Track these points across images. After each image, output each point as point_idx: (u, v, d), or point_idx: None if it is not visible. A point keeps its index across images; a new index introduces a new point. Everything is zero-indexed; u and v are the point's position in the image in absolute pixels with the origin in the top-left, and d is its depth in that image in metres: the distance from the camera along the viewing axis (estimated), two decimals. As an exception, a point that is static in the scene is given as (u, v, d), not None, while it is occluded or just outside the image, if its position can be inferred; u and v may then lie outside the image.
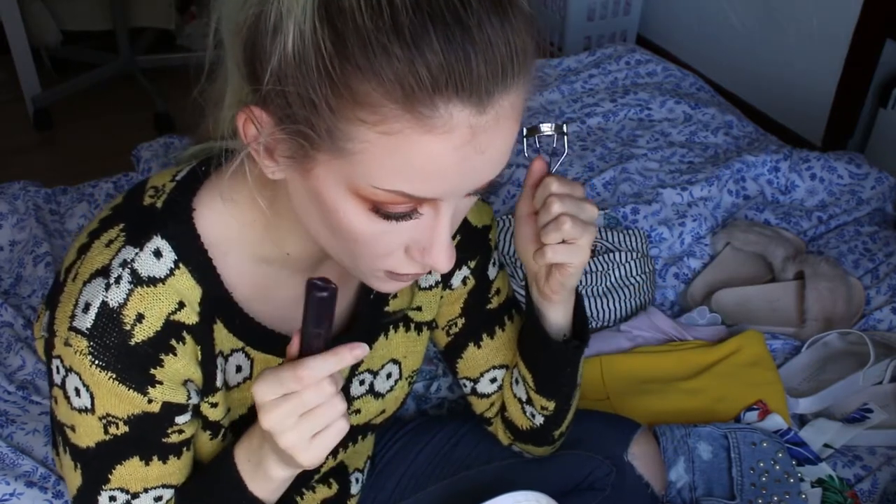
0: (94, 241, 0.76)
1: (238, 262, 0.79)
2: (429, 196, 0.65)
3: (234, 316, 0.80)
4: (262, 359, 0.84)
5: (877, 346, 1.45)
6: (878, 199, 1.84)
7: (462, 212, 0.73)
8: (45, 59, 2.92)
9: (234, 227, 0.78)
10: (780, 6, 2.52)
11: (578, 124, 2.12)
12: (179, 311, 0.75)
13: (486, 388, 1.04)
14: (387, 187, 0.64)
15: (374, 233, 0.68)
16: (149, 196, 0.79)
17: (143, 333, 0.73)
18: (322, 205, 0.68)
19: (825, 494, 1.24)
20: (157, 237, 0.75)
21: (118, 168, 1.97)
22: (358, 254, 0.70)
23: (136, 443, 0.77)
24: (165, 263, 0.75)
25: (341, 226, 0.68)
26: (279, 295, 0.82)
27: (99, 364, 0.72)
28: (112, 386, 0.73)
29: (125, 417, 0.75)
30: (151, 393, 0.74)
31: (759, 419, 1.34)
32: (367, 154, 0.63)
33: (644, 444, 1.11)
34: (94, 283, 0.73)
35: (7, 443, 1.27)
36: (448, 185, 0.65)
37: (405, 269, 0.72)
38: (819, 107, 2.44)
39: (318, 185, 0.67)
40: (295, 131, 0.64)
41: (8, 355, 1.45)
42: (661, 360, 1.45)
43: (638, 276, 1.59)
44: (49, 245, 1.68)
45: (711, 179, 1.85)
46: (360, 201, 0.66)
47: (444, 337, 1.03)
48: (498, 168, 0.67)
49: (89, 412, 0.75)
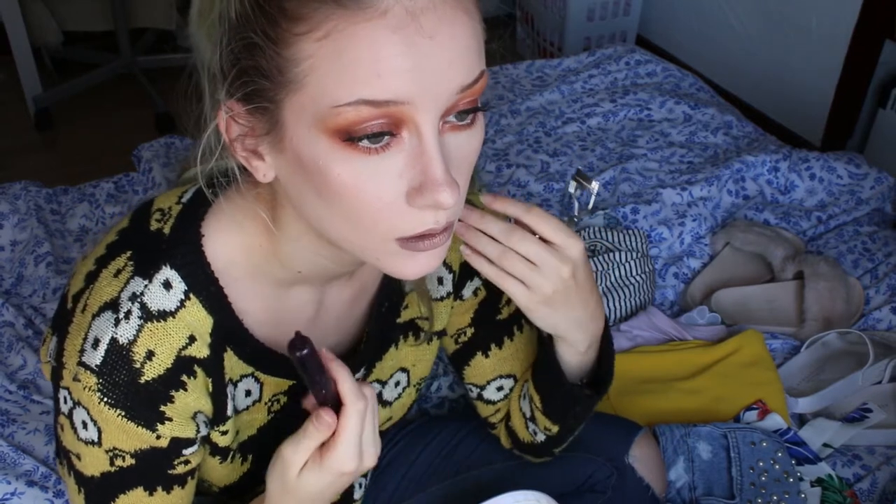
0: (101, 270, 0.75)
1: (249, 286, 0.77)
2: (392, 97, 0.61)
3: (245, 343, 0.79)
4: (273, 382, 0.83)
5: (876, 345, 1.45)
6: (878, 199, 1.84)
7: (462, 153, 0.67)
8: (46, 59, 2.92)
9: (243, 251, 0.76)
10: (780, 7, 2.52)
11: (578, 124, 2.12)
12: (190, 346, 0.74)
13: (492, 396, 1.04)
14: (346, 100, 0.61)
15: (360, 176, 0.63)
16: (155, 220, 0.77)
17: (153, 371, 0.72)
18: (305, 168, 0.65)
19: (824, 494, 1.24)
20: (166, 267, 0.73)
21: (119, 168, 1.97)
22: (357, 217, 0.66)
23: (142, 475, 0.76)
24: (175, 295, 0.73)
25: (328, 181, 0.64)
26: (291, 317, 0.81)
27: (108, 402, 0.71)
28: (121, 423, 0.72)
29: (132, 451, 0.74)
30: (161, 430, 0.74)
31: (758, 419, 1.34)
32: (316, 71, 0.61)
33: (645, 447, 1.11)
34: (103, 317, 0.72)
35: (8, 442, 1.28)
36: (407, 78, 0.61)
37: (414, 225, 0.66)
38: (818, 107, 2.44)
39: (294, 148, 0.65)
40: (254, 93, 0.64)
41: (9, 355, 1.45)
42: (661, 360, 1.45)
43: (638, 276, 1.59)
44: (50, 245, 1.68)
45: (711, 179, 1.85)
46: (332, 138, 0.62)
47: (452, 344, 1.02)
48: (463, 65, 0.63)
49: (96, 445, 0.74)
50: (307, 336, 0.68)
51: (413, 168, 0.64)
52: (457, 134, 0.66)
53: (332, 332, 0.87)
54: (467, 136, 0.67)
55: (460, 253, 0.93)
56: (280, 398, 0.85)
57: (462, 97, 0.64)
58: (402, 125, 0.63)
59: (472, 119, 0.67)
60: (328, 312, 0.85)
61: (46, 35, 2.90)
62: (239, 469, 0.86)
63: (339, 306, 0.86)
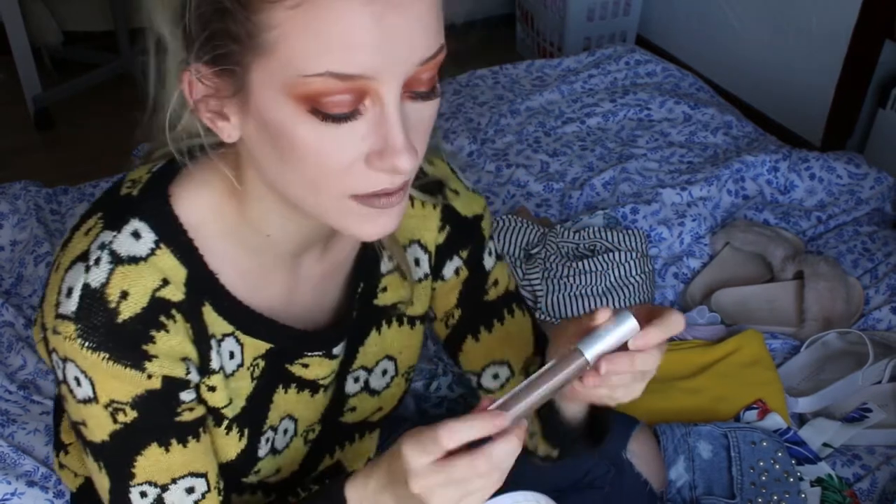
0: (74, 234, 0.77)
1: (222, 248, 0.78)
2: (359, 72, 0.62)
3: (222, 298, 0.79)
4: (252, 344, 0.83)
5: (876, 345, 1.45)
6: (877, 198, 1.84)
7: (420, 121, 0.69)
8: (45, 59, 2.92)
9: (213, 211, 0.77)
10: (780, 6, 2.52)
11: (578, 124, 2.12)
12: (164, 288, 0.74)
13: (489, 383, 1.03)
14: (314, 71, 0.62)
15: (323, 141, 0.65)
16: (125, 188, 0.79)
17: (129, 310, 0.72)
18: (270, 131, 0.67)
19: (824, 493, 1.24)
20: (134, 220, 0.75)
21: (119, 168, 1.94)
22: (317, 179, 0.67)
23: (149, 428, 0.76)
24: (145, 244, 0.74)
25: (292, 144, 0.66)
26: (267, 285, 0.82)
27: (90, 346, 0.71)
28: (108, 367, 0.72)
29: (129, 401, 0.74)
30: (149, 368, 0.73)
31: (758, 418, 1.34)
32: (286, 39, 0.62)
33: (642, 442, 1.11)
34: (74, 268, 0.73)
35: (8, 442, 1.28)
36: (375, 53, 0.62)
37: (370, 185, 0.67)
38: (818, 107, 2.44)
39: (260, 111, 0.66)
40: (222, 56, 0.65)
41: (9, 355, 1.45)
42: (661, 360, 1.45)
43: (637, 276, 1.59)
44: (50, 245, 1.69)
45: (711, 179, 1.85)
46: (299, 104, 0.64)
47: (443, 329, 1.02)
48: (427, 38, 0.64)
49: (93, 402, 0.74)
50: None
51: (374, 134, 0.66)
52: (416, 102, 0.68)
53: (310, 307, 0.87)
54: (426, 104, 0.68)
55: (436, 232, 0.93)
56: (259, 363, 0.84)
57: (423, 69, 0.66)
58: (366, 96, 0.65)
59: (431, 88, 0.68)
60: (304, 285, 0.85)
61: (46, 35, 2.90)
62: (237, 445, 0.86)
63: (313, 280, 0.86)
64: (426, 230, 0.93)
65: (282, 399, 0.89)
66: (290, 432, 0.92)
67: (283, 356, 0.86)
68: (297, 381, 0.89)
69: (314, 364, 0.88)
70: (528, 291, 1.58)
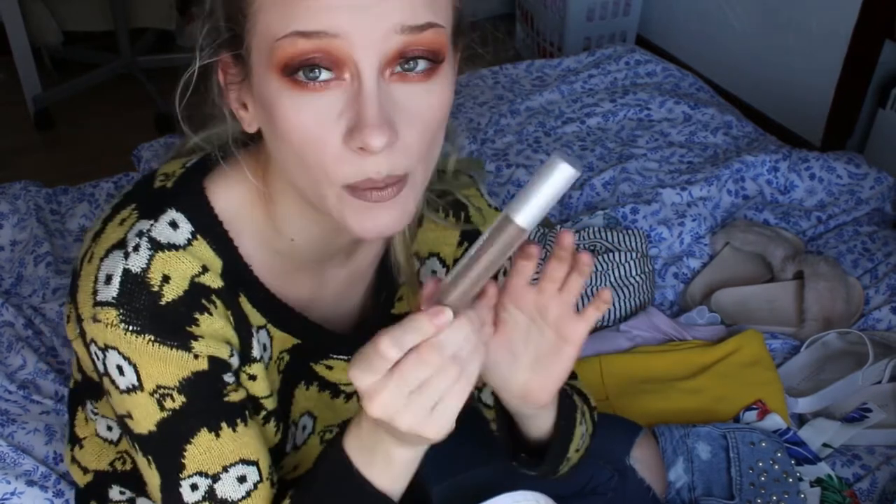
0: (106, 225, 0.76)
1: (252, 246, 0.78)
2: (323, 28, 0.62)
3: (256, 290, 0.78)
4: (280, 337, 0.82)
5: (876, 345, 1.45)
6: (877, 198, 1.84)
7: (414, 106, 0.66)
8: (45, 59, 2.92)
9: (245, 209, 0.77)
10: (780, 6, 2.52)
11: (578, 124, 2.12)
12: (204, 275, 0.74)
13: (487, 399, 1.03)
14: (283, 33, 0.63)
15: (302, 112, 0.64)
16: (159, 181, 0.78)
17: (172, 293, 0.71)
18: (267, 110, 0.67)
19: (824, 494, 1.24)
20: (171, 210, 0.74)
21: (119, 168, 1.97)
22: (306, 161, 0.66)
23: (198, 412, 0.74)
24: (182, 234, 0.74)
25: (278, 118, 0.66)
26: (293, 284, 0.82)
27: (134, 329, 0.70)
28: (154, 350, 0.71)
29: (177, 385, 0.72)
30: (196, 347, 0.72)
31: (758, 419, 1.34)
32: (263, 8, 0.65)
33: (645, 448, 1.11)
34: (111, 256, 0.72)
35: (8, 442, 1.28)
36: (341, 11, 0.62)
37: (355, 171, 0.65)
38: (818, 107, 2.44)
39: (257, 90, 0.68)
40: (233, 40, 0.68)
41: (9, 355, 1.45)
42: (661, 360, 1.45)
43: (637, 276, 1.59)
44: (50, 245, 1.68)
45: (711, 179, 1.85)
46: (279, 74, 0.64)
47: None
48: (405, 3, 0.63)
49: (138, 390, 0.72)
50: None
51: (351, 109, 0.64)
52: (408, 85, 0.66)
53: (331, 311, 0.87)
54: (421, 89, 0.66)
55: (455, 247, 0.93)
56: (284, 356, 0.84)
57: (408, 43, 0.64)
58: (343, 66, 0.64)
59: (426, 72, 0.66)
60: (326, 290, 0.85)
61: (46, 35, 2.90)
62: (273, 439, 0.84)
63: (336, 285, 0.86)
64: (445, 244, 0.94)
65: (302, 395, 0.89)
66: (307, 429, 0.92)
67: (308, 353, 0.86)
68: (319, 381, 0.89)
69: (338, 368, 0.88)
70: (528, 291, 1.58)
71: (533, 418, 0.85)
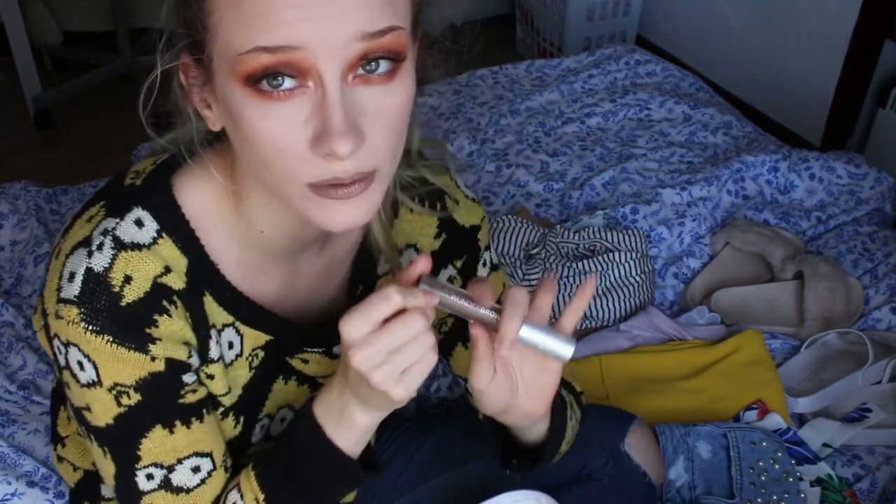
0: (75, 221, 0.77)
1: (222, 241, 0.79)
2: (285, 43, 0.63)
3: (223, 289, 0.79)
4: (252, 335, 0.83)
5: (875, 345, 1.45)
6: (877, 199, 1.84)
7: (379, 107, 0.67)
8: (45, 59, 2.92)
9: (214, 205, 0.78)
10: (780, 6, 2.52)
11: (578, 124, 2.12)
12: (166, 275, 0.75)
13: None
14: (246, 48, 0.64)
15: (266, 120, 0.65)
16: (129, 178, 0.80)
17: (132, 294, 0.73)
18: (231, 116, 0.68)
19: (824, 494, 1.24)
20: (137, 208, 0.75)
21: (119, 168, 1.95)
22: (272, 165, 0.67)
23: (153, 410, 0.76)
24: (148, 232, 0.75)
25: (244, 126, 0.67)
26: (265, 279, 0.82)
27: (93, 329, 0.72)
28: (112, 350, 0.72)
29: (133, 384, 0.74)
30: (152, 350, 0.73)
31: (758, 418, 1.34)
32: (223, 21, 0.65)
33: (640, 435, 1.12)
34: (76, 253, 0.73)
35: (8, 443, 1.28)
36: (301, 24, 0.62)
37: (320, 172, 0.67)
38: (818, 107, 2.44)
39: (221, 96, 0.69)
40: (194, 45, 0.69)
41: (9, 355, 1.45)
42: (661, 360, 1.45)
43: (637, 276, 1.59)
44: (50, 245, 1.69)
45: (711, 179, 1.85)
46: (243, 85, 0.65)
47: (436, 334, 1.02)
48: (364, 10, 0.64)
49: (97, 385, 0.74)
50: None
51: (316, 117, 0.66)
52: (370, 88, 0.67)
53: (305, 304, 0.87)
54: (384, 90, 0.67)
55: (432, 238, 0.93)
56: (259, 353, 0.85)
57: (369, 48, 0.65)
58: (307, 74, 0.65)
59: (388, 73, 0.67)
60: (299, 281, 0.86)
61: (46, 35, 2.90)
62: (231, 431, 0.86)
63: (311, 277, 0.86)
64: (422, 236, 0.94)
65: (282, 389, 0.89)
66: (287, 421, 0.92)
67: (283, 349, 0.86)
68: (296, 375, 0.89)
69: (313, 361, 0.89)
70: (528, 291, 1.58)
71: (530, 428, 0.88)
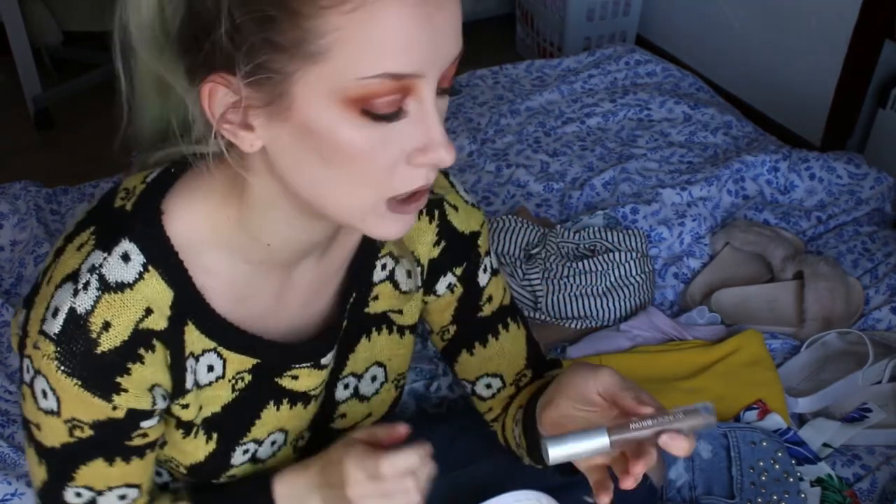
0: (67, 245, 0.77)
1: (214, 261, 0.78)
2: (413, 70, 0.64)
3: (207, 317, 0.79)
4: (237, 359, 0.83)
5: (876, 345, 1.45)
6: (877, 199, 1.84)
7: (442, 114, 0.71)
8: (45, 59, 2.92)
9: (208, 225, 0.77)
10: (780, 6, 2.52)
11: (578, 124, 2.12)
12: (147, 318, 0.75)
13: (483, 392, 1.04)
14: (372, 73, 0.63)
15: (372, 142, 0.66)
16: (120, 198, 0.79)
17: (109, 342, 0.73)
18: (313, 137, 0.66)
19: (824, 494, 1.24)
20: (125, 241, 0.75)
21: (119, 168, 1.96)
22: (363, 179, 0.68)
23: (100, 445, 0.78)
24: (134, 268, 0.75)
25: (338, 148, 0.66)
26: (255, 295, 0.82)
27: (65, 370, 0.73)
28: (77, 392, 0.74)
29: (90, 422, 0.76)
30: (116, 401, 0.75)
31: (758, 419, 1.34)
32: (342, 44, 0.62)
33: None
34: (63, 287, 0.74)
35: (8, 443, 1.28)
36: (426, 51, 0.64)
37: (408, 183, 0.69)
38: (818, 107, 2.44)
39: (303, 117, 0.66)
40: (262, 66, 0.64)
41: (9, 355, 1.46)
42: (661, 360, 1.45)
43: (637, 276, 1.59)
44: (50, 245, 1.68)
45: (711, 179, 1.85)
46: (349, 107, 0.64)
47: (440, 341, 1.03)
48: (459, 35, 0.67)
49: (55, 415, 0.76)
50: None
51: (416, 130, 0.68)
52: (441, 98, 0.70)
53: (297, 315, 0.87)
54: (445, 99, 0.71)
55: (431, 246, 0.93)
56: (244, 376, 0.85)
57: (452, 65, 0.68)
58: (410, 93, 0.66)
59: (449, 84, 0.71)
60: (294, 293, 0.85)
61: (46, 35, 2.90)
62: (204, 447, 0.86)
63: (305, 287, 0.86)
64: (420, 243, 0.93)
65: (273, 416, 0.89)
66: (278, 443, 0.92)
67: (270, 370, 0.86)
68: (288, 395, 0.89)
69: (303, 375, 0.88)
70: (529, 291, 1.58)
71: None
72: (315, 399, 0.92)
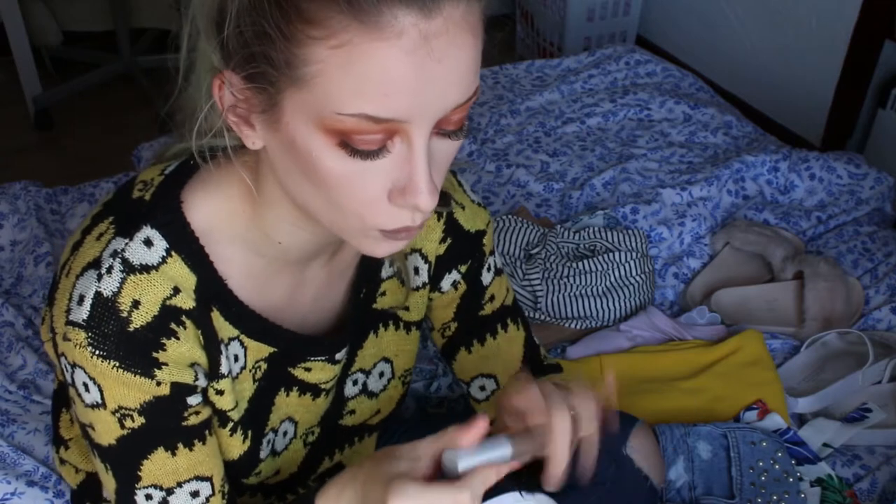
0: (85, 237, 0.77)
1: (230, 252, 0.79)
2: (394, 116, 0.63)
3: (230, 304, 0.79)
4: (255, 347, 0.83)
5: (876, 345, 1.45)
6: (877, 199, 1.84)
7: (444, 156, 0.70)
8: (45, 59, 2.92)
9: (224, 216, 0.78)
10: (780, 6, 2.52)
11: (578, 124, 2.12)
12: (175, 297, 0.75)
13: (477, 394, 1.05)
14: (349, 111, 0.63)
15: (348, 174, 0.66)
16: (137, 190, 0.79)
17: (140, 319, 0.73)
18: (297, 153, 0.67)
19: (824, 494, 1.24)
20: (146, 227, 0.75)
21: (119, 168, 1.97)
22: (342, 204, 0.68)
23: (156, 433, 0.77)
24: (157, 252, 0.75)
25: (317, 170, 0.66)
26: (270, 288, 0.82)
27: (100, 354, 0.72)
28: (117, 375, 0.72)
29: (138, 407, 0.74)
30: (159, 375, 0.74)
31: (758, 419, 1.34)
32: (324, 76, 0.62)
33: (642, 438, 1.12)
34: (86, 275, 0.73)
35: (8, 442, 1.28)
36: (411, 100, 0.63)
37: (393, 221, 0.69)
38: (818, 107, 2.44)
39: (289, 133, 0.66)
40: (258, 75, 0.65)
41: (9, 355, 1.45)
42: (661, 360, 1.45)
43: (637, 276, 1.59)
44: (50, 245, 1.68)
45: (711, 179, 1.85)
46: (329, 137, 0.64)
47: (440, 338, 1.04)
48: (462, 85, 0.65)
49: (101, 407, 0.74)
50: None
51: (399, 170, 0.67)
52: (443, 140, 0.69)
53: (309, 311, 0.87)
54: (452, 141, 0.69)
55: (437, 243, 0.93)
56: (261, 365, 0.85)
57: (455, 113, 0.67)
58: (395, 135, 0.65)
59: (460, 129, 0.69)
60: (305, 289, 0.86)
61: (46, 35, 2.90)
62: (241, 447, 0.86)
63: (317, 284, 0.87)
64: (428, 241, 0.94)
65: (283, 401, 0.89)
66: (289, 434, 0.92)
67: (285, 359, 0.86)
68: (298, 385, 0.89)
69: (317, 368, 0.89)
70: (529, 291, 1.58)
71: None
72: (326, 394, 0.92)
